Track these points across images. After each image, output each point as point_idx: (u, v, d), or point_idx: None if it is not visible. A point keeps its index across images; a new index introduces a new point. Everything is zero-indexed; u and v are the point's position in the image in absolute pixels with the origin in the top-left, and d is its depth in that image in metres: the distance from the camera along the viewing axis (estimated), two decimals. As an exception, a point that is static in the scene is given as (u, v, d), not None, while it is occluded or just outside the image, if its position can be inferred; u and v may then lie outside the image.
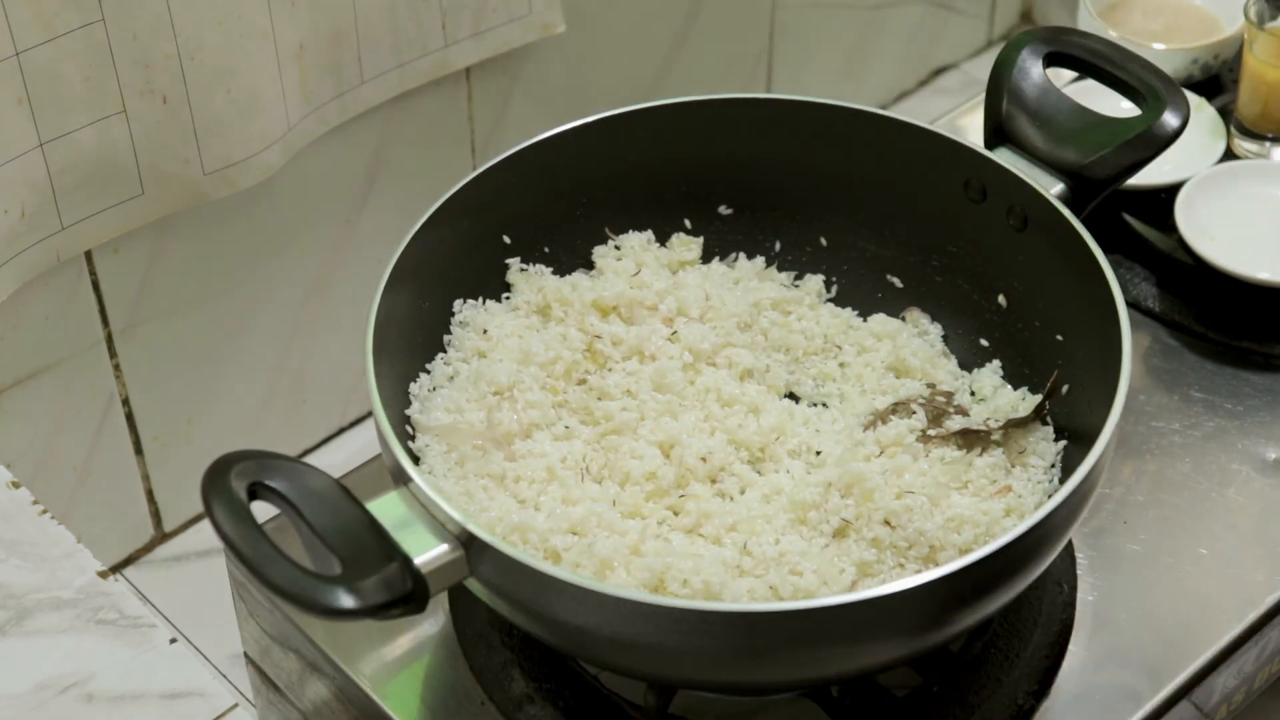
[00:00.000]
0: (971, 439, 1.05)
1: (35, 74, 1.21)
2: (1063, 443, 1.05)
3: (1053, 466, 1.04)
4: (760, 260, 1.19)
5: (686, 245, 1.19)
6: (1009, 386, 1.11)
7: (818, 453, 1.06)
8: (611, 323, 1.13)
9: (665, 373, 1.10)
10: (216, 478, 0.86)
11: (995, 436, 1.05)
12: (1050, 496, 0.95)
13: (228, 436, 1.55)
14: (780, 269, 1.19)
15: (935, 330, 1.15)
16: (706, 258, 1.19)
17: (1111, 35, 1.43)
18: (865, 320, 1.16)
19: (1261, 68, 1.34)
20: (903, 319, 1.16)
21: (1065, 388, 1.06)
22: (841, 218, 1.19)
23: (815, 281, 1.19)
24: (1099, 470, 0.94)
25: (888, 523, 0.99)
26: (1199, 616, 1.10)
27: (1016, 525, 0.93)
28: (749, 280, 1.17)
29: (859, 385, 1.12)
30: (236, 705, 0.93)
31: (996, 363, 1.13)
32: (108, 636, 0.95)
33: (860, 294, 1.19)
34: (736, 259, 1.19)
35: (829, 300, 1.19)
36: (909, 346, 1.13)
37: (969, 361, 1.14)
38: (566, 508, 1.00)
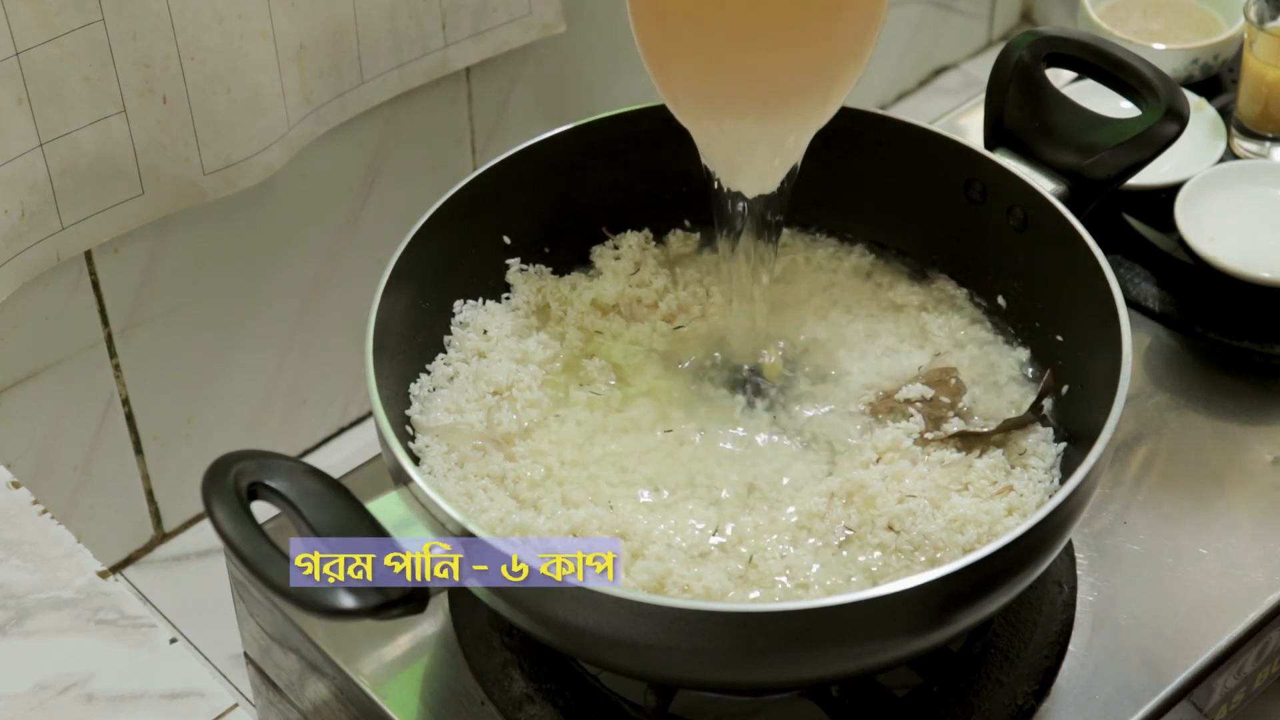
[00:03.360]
0: (971, 441, 1.05)
1: (35, 74, 1.21)
2: (1063, 443, 1.05)
3: (1053, 467, 1.04)
4: (760, 260, 1.19)
5: (684, 241, 1.19)
6: (1009, 386, 1.11)
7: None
8: (611, 320, 1.13)
9: (666, 372, 1.10)
10: (216, 478, 0.86)
11: (995, 438, 1.05)
12: (1051, 497, 0.95)
13: (228, 436, 1.55)
14: (780, 269, 1.20)
15: (961, 294, 1.15)
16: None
17: (1112, 35, 1.42)
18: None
19: (1261, 68, 1.34)
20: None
21: (1065, 388, 1.06)
22: (841, 217, 1.19)
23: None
24: (1099, 470, 0.94)
25: (891, 528, 0.99)
26: (1199, 616, 1.10)
27: (1017, 525, 0.93)
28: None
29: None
30: (236, 705, 0.93)
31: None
32: (108, 636, 0.95)
33: (860, 294, 1.19)
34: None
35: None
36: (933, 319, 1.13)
37: (969, 361, 1.14)
38: (566, 509, 1.00)
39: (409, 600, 0.86)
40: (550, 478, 1.03)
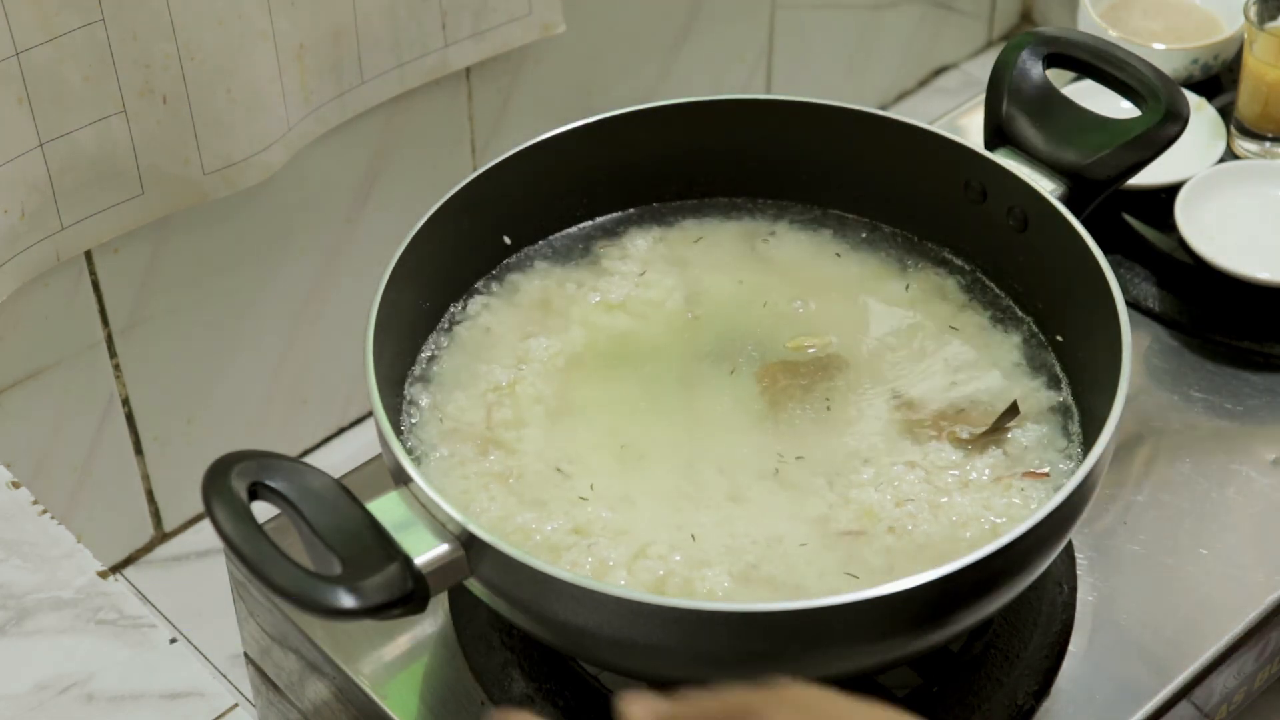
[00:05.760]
0: (970, 442, 1.05)
1: (35, 74, 1.21)
2: (1063, 443, 1.05)
3: (1054, 466, 1.04)
4: (761, 260, 1.19)
5: (689, 238, 1.19)
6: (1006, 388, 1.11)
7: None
8: (616, 318, 1.13)
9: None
10: (216, 478, 0.86)
11: (993, 438, 1.05)
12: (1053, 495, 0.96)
13: (228, 436, 1.55)
14: (780, 269, 1.20)
15: (951, 283, 1.15)
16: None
17: (1111, 35, 1.43)
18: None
19: (1261, 68, 1.34)
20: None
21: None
22: (840, 217, 1.19)
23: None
24: (1099, 470, 0.94)
25: (892, 530, 0.99)
26: (1199, 616, 1.10)
27: (1017, 525, 0.93)
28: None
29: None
30: (236, 705, 0.93)
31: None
32: (108, 636, 0.95)
33: (860, 294, 1.19)
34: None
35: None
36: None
37: (969, 361, 1.14)
38: (569, 508, 1.00)
39: (409, 600, 0.86)
40: (552, 477, 1.03)
